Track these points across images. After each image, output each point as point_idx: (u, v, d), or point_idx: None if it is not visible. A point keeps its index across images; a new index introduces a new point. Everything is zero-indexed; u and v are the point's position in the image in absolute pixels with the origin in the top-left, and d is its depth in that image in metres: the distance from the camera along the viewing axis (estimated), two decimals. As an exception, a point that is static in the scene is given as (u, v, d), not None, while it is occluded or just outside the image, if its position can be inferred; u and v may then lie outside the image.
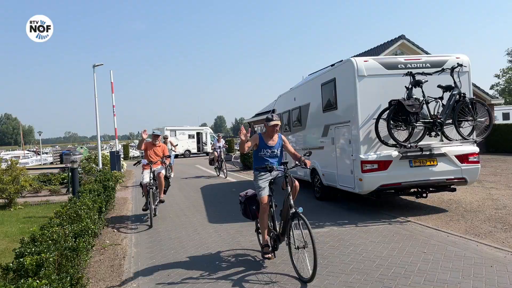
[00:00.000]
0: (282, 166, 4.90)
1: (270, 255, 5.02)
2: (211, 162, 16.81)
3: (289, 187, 4.67)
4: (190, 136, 36.04)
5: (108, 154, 20.35)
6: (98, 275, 5.00)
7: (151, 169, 8.27)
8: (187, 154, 35.27)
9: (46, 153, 44.88)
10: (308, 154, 5.03)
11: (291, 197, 4.63)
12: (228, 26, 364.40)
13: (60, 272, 3.42)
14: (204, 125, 79.53)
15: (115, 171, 15.90)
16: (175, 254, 5.65)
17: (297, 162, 5.05)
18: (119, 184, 14.53)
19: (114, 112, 20.17)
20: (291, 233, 4.55)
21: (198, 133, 36.92)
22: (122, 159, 23.64)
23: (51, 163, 35.80)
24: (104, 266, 5.33)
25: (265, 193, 4.93)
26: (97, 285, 4.64)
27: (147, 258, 5.56)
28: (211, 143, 36.19)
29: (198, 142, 36.64)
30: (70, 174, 12.13)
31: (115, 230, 7.41)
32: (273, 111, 13.72)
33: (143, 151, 8.63)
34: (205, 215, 8.41)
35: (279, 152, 5.23)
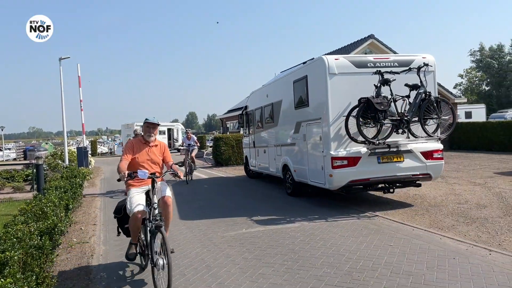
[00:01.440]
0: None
1: None
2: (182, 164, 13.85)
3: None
4: (160, 132, 35.48)
5: (75, 150, 19.76)
6: (65, 274, 4.86)
7: (153, 188, 4.35)
8: (157, 150, 34.70)
9: (9, 149, 43.02)
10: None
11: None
12: (201, 22, 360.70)
13: (25, 271, 3.31)
14: (175, 121, 78.41)
15: (82, 167, 15.47)
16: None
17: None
18: (87, 181, 14.15)
19: (81, 106, 19.57)
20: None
21: (169, 129, 36.43)
22: (90, 155, 23.02)
23: (14, 159, 34.35)
24: (71, 265, 5.19)
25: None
26: (64, 284, 4.52)
27: (116, 256, 5.45)
28: (182, 139, 35.79)
29: (169, 138, 36.17)
30: (34, 170, 11.70)
31: (82, 228, 7.22)
32: (246, 107, 13.75)
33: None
34: (176, 212, 8.33)
35: None
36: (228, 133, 28.70)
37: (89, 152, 25.59)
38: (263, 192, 10.56)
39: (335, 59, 7.51)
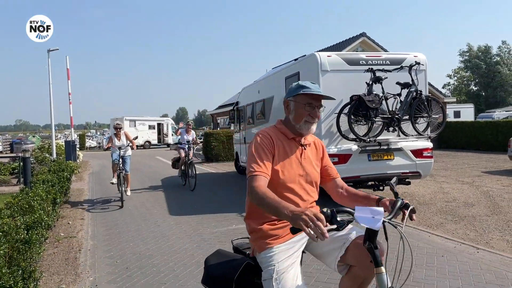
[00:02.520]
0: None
1: None
2: (175, 164, 11.61)
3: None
4: (150, 127, 35.25)
5: (63, 143, 19.50)
6: (52, 268, 4.79)
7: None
8: (147, 145, 34.51)
9: (-5, 141, 42.29)
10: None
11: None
12: (193, 16, 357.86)
13: (11, 265, 3.24)
14: (165, 116, 77.92)
15: (70, 161, 15.26)
16: (134, 247, 5.52)
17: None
18: (75, 175, 13.97)
19: (70, 100, 19.31)
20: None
21: (159, 124, 36.17)
22: (78, 149, 22.73)
23: (1, 152, 33.78)
24: (58, 260, 5.11)
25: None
26: (51, 279, 4.45)
27: (104, 251, 5.39)
28: (172, 134, 35.61)
29: (158, 133, 35.92)
30: (21, 163, 11.49)
31: (70, 223, 7.12)
32: (237, 103, 13.69)
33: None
34: (165, 207, 8.27)
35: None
36: (218, 128, 28.60)
37: (77, 146, 25.26)
38: (236, 188, 10.51)
39: (328, 56, 7.50)
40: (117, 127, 9.29)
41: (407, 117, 7.33)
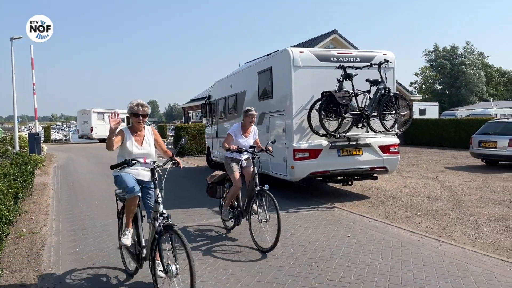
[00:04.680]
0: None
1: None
2: (214, 190, 5.93)
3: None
4: (120, 120, 34.38)
5: (26, 136, 18.72)
6: (14, 265, 4.59)
7: None
8: (116, 138, 33.63)
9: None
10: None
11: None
12: (165, 7, 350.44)
13: (-34, 263, 3.08)
14: (135, 109, 76.13)
15: (34, 154, 14.68)
16: (101, 243, 5.38)
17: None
18: (39, 169, 13.45)
19: (34, 90, 18.51)
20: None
21: (128, 117, 35.29)
22: (42, 142, 21.91)
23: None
24: (20, 256, 4.91)
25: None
26: (13, 276, 4.27)
27: (69, 247, 5.22)
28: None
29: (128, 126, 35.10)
30: (-20, 156, 10.95)
31: (33, 218, 6.85)
32: (209, 97, 13.57)
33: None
34: (134, 202, 8.11)
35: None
36: (190, 122, 28.30)
37: (42, 138, 24.34)
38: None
39: (300, 52, 7.54)
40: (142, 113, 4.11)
41: (375, 113, 7.49)
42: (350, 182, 8.02)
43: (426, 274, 4.07)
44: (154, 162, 3.83)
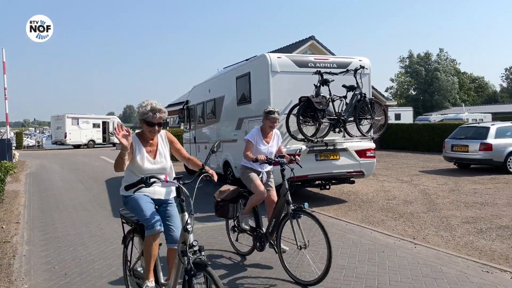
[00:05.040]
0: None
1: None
2: (225, 211, 4.84)
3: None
4: (95, 125, 33.72)
5: (-3, 142, 18.09)
6: (-19, 277, 4.41)
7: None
8: (90, 144, 33.01)
9: None
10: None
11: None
12: (141, 9, 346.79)
13: None
14: (111, 114, 75.04)
15: (5, 161, 14.19)
16: (74, 252, 5.23)
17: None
18: (10, 176, 13.00)
19: (5, 95, 17.94)
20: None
21: (104, 122, 34.69)
22: (14, 148, 21.22)
23: None
24: (-12, 268, 4.71)
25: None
26: (-21, 289, 4.09)
27: (41, 257, 5.05)
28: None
29: (104, 132, 34.45)
30: None
31: (3, 227, 6.60)
32: (187, 102, 13.47)
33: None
34: (109, 209, 7.94)
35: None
36: (168, 128, 28.01)
37: (14, 144, 23.59)
38: (203, 188, 10.40)
39: (278, 58, 7.60)
40: (158, 122, 3.36)
41: (352, 118, 7.61)
42: (328, 187, 8.10)
43: (401, 276, 4.13)
44: (179, 179, 2.96)
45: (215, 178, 3.13)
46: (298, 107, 7.18)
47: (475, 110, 40.80)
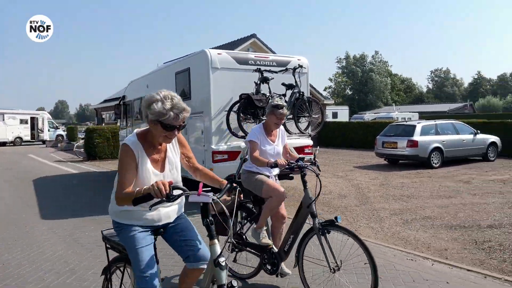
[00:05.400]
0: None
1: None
2: (223, 229, 2.86)
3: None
4: (22, 121, 31.24)
5: None
6: None
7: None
8: (17, 142, 30.54)
9: None
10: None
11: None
12: (78, 2, 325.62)
13: None
14: (41, 109, 69.95)
15: None
16: (-4, 257, 4.82)
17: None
18: None
19: None
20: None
21: (32, 118, 32.25)
22: None
23: None
24: None
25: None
26: None
27: (-44, 265, 4.59)
28: (48, 130, 32.19)
29: (32, 128, 32.04)
30: None
31: None
32: (124, 97, 12.95)
33: None
34: (37, 211, 7.41)
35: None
36: (103, 124, 26.73)
37: None
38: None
39: (218, 54, 7.56)
40: (179, 125, 2.57)
41: (290, 116, 7.79)
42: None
43: (335, 268, 4.30)
44: (209, 191, 2.29)
45: (241, 196, 2.49)
46: (238, 104, 7.21)
47: (404, 109, 43.78)
